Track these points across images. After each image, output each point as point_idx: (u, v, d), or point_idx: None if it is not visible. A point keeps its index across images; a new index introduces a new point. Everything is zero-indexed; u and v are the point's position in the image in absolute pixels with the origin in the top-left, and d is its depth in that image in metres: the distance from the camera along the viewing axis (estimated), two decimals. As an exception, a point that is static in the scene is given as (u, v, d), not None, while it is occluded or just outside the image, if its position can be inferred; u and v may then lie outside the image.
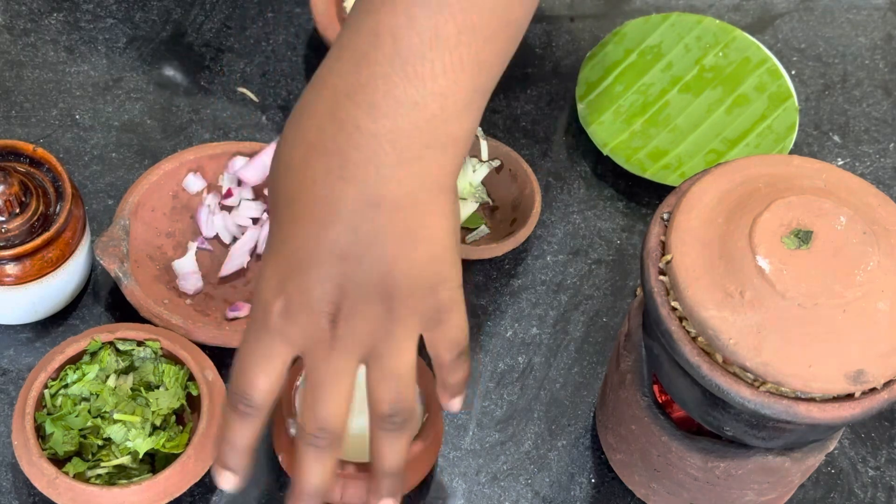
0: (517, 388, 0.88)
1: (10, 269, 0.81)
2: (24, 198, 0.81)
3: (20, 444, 0.77)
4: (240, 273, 0.90)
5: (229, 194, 0.91)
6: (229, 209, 0.92)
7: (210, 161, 0.91)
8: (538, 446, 0.85)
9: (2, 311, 0.85)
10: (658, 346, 0.71)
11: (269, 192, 0.66)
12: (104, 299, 0.89)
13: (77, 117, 0.97)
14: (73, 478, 0.76)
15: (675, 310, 0.68)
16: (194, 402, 0.80)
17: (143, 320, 0.84)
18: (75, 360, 0.80)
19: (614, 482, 0.84)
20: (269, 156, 0.91)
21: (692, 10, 1.08)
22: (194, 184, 0.91)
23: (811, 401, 0.66)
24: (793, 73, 1.05)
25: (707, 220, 0.69)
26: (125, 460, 0.78)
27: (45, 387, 0.79)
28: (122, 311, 0.88)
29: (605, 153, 0.97)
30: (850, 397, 0.66)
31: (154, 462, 0.79)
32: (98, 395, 0.79)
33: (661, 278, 0.69)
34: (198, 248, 0.90)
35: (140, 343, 0.81)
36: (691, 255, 0.68)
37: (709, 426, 0.72)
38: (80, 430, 0.78)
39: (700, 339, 0.67)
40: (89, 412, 0.78)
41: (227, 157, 0.92)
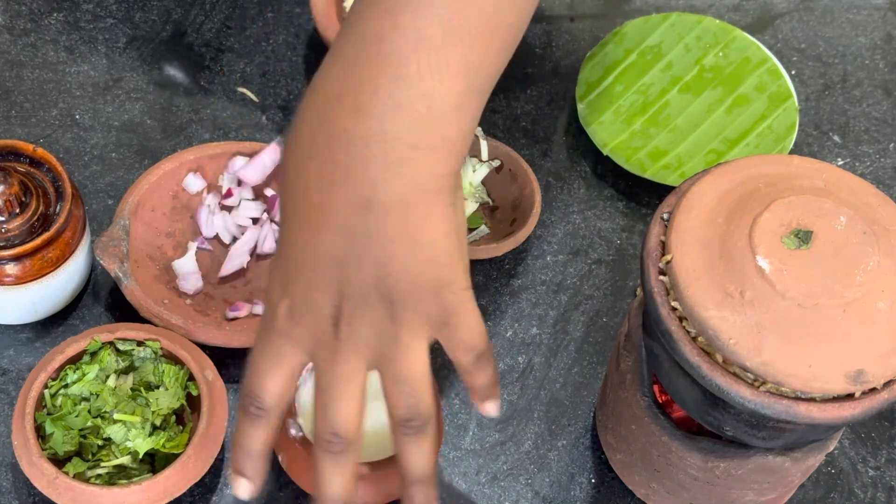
0: (517, 388, 0.87)
1: (10, 269, 0.81)
2: (24, 198, 0.81)
3: (20, 444, 0.77)
4: (240, 273, 0.90)
5: (229, 194, 0.91)
6: (229, 209, 0.92)
7: (210, 161, 0.91)
8: (538, 446, 0.85)
9: (2, 311, 0.85)
10: (658, 346, 0.71)
11: (279, 197, 0.67)
12: (104, 299, 0.89)
13: (77, 117, 0.97)
14: (73, 478, 0.76)
15: (675, 310, 0.68)
16: (194, 402, 0.80)
17: (143, 320, 0.84)
18: (75, 360, 0.80)
19: (614, 482, 0.84)
20: (269, 156, 0.91)
21: (692, 10, 1.08)
22: (194, 184, 0.91)
23: (811, 401, 0.65)
24: (793, 73, 1.05)
25: (707, 220, 0.69)
26: (125, 460, 0.78)
27: (45, 387, 0.79)
28: (122, 311, 0.88)
29: (605, 153, 0.97)
30: (850, 397, 0.66)
31: (154, 462, 0.79)
32: (98, 395, 0.79)
33: (661, 278, 0.69)
34: (198, 248, 0.90)
35: (140, 343, 0.81)
36: (691, 255, 0.68)
37: (709, 426, 0.72)
38: (80, 430, 0.78)
39: (700, 339, 0.67)
40: (89, 412, 0.78)
41: (227, 157, 0.92)
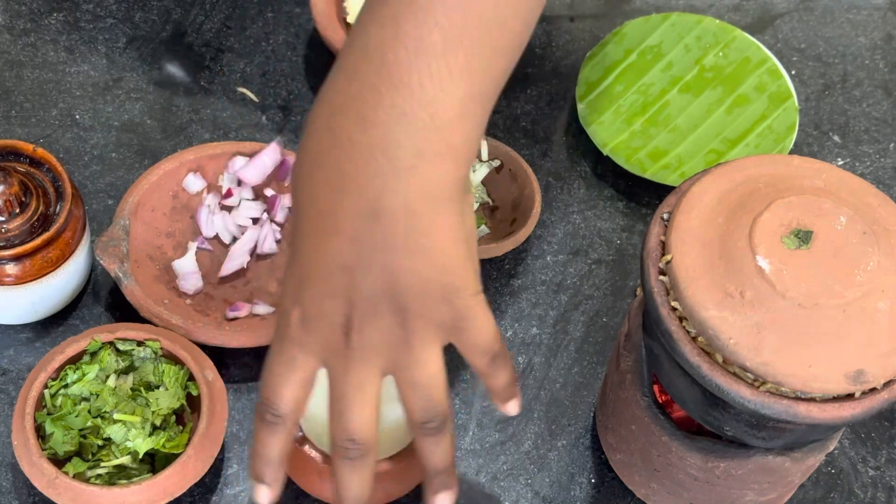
0: (517, 388, 0.87)
1: (10, 269, 0.81)
2: (24, 198, 0.81)
3: (20, 444, 0.77)
4: (240, 273, 0.90)
5: (229, 194, 0.91)
6: (229, 209, 0.92)
7: (210, 161, 0.91)
8: (538, 446, 0.85)
9: (2, 311, 0.85)
10: (658, 346, 0.71)
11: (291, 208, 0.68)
12: (104, 299, 0.89)
13: (77, 117, 0.97)
14: (73, 478, 0.76)
15: (675, 310, 0.68)
16: (194, 402, 0.80)
17: (143, 320, 0.84)
18: (75, 360, 0.80)
19: (614, 482, 0.84)
20: (269, 156, 0.91)
21: (692, 10, 1.08)
22: (194, 184, 0.91)
23: (811, 401, 0.65)
24: (793, 73, 1.05)
25: (707, 220, 0.69)
26: (125, 460, 0.78)
27: (45, 387, 0.79)
28: (122, 311, 0.88)
29: (605, 153, 0.97)
30: (850, 397, 0.66)
31: (154, 462, 0.79)
32: (98, 395, 0.79)
33: (661, 278, 0.69)
34: (198, 248, 0.90)
35: (140, 343, 0.81)
36: (691, 255, 0.68)
37: (709, 426, 0.72)
38: (80, 430, 0.78)
39: (700, 339, 0.67)
40: (89, 412, 0.78)
41: (227, 157, 0.92)
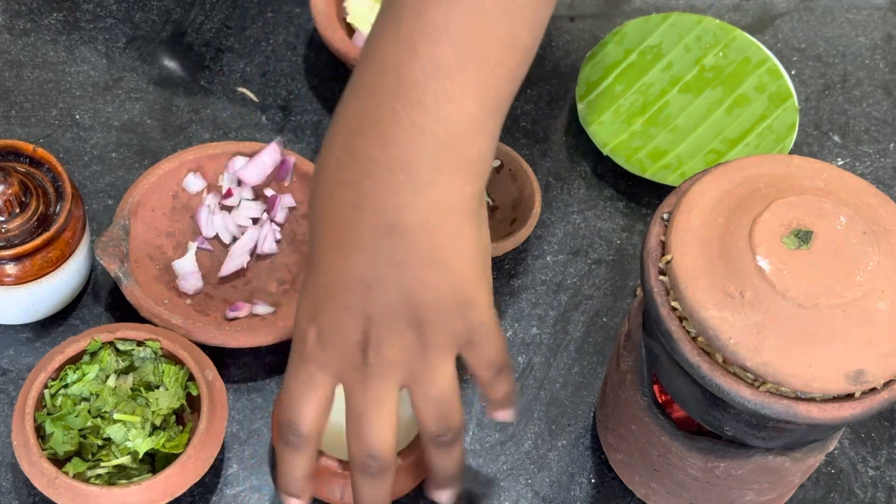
0: (517, 388, 0.87)
1: (10, 269, 0.81)
2: (24, 198, 0.81)
3: (20, 444, 0.77)
4: (240, 273, 0.90)
5: (229, 194, 0.91)
6: (229, 209, 0.92)
7: (210, 161, 0.91)
8: (538, 446, 0.85)
9: (2, 311, 0.85)
10: (658, 346, 0.71)
11: (307, 227, 0.69)
12: (104, 299, 0.89)
13: (77, 117, 0.97)
14: (73, 478, 0.76)
15: (675, 310, 0.68)
16: (194, 402, 0.80)
17: (143, 320, 0.84)
18: (75, 360, 0.80)
19: (614, 482, 0.84)
20: (269, 156, 0.91)
21: (692, 10, 1.08)
22: (194, 184, 0.91)
23: (811, 401, 0.65)
24: (793, 73, 1.05)
25: (707, 220, 0.69)
26: (125, 460, 0.78)
27: (45, 387, 0.79)
28: (122, 311, 0.88)
29: (605, 153, 0.97)
30: (850, 397, 0.66)
31: (154, 462, 0.79)
32: (98, 395, 0.79)
33: (661, 278, 0.69)
34: (198, 248, 0.90)
35: (140, 343, 0.81)
36: (691, 255, 0.68)
37: (709, 426, 0.72)
38: (80, 430, 0.78)
39: (700, 339, 0.67)
40: (89, 412, 0.78)
41: (227, 157, 0.92)
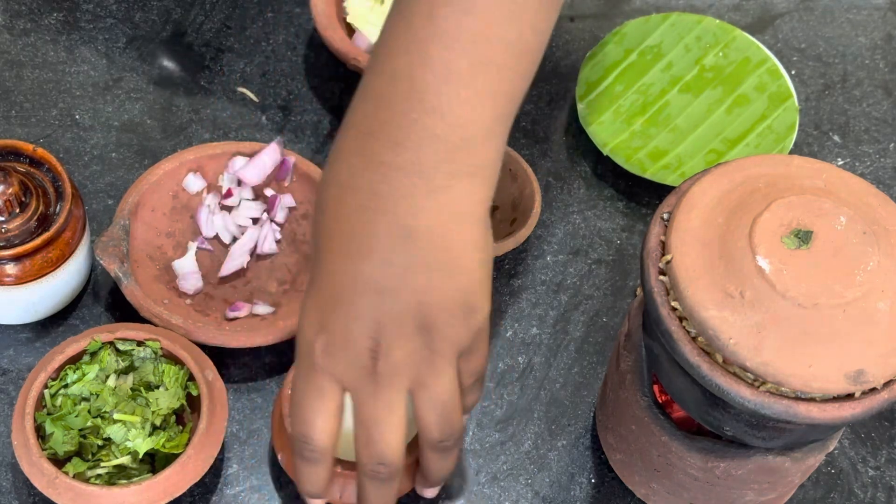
0: (517, 388, 0.87)
1: (10, 269, 0.81)
2: (24, 198, 0.81)
3: (20, 444, 0.77)
4: (240, 273, 0.90)
5: (229, 194, 0.91)
6: (229, 209, 0.92)
7: (210, 161, 0.91)
8: (538, 446, 0.85)
9: (2, 311, 0.85)
10: (658, 346, 0.71)
11: (311, 233, 0.69)
12: (104, 299, 0.89)
13: (77, 117, 0.97)
14: (73, 478, 0.76)
15: (675, 310, 0.68)
16: (194, 402, 0.80)
17: (143, 320, 0.84)
18: (75, 360, 0.80)
19: (614, 482, 0.84)
20: (269, 156, 0.91)
21: (692, 10, 1.08)
22: (194, 184, 0.91)
23: (811, 401, 0.65)
24: (793, 73, 1.05)
25: (707, 220, 0.69)
26: (125, 460, 0.78)
27: (45, 387, 0.79)
28: (122, 311, 0.88)
29: (605, 153, 0.97)
30: (850, 397, 0.66)
31: (154, 462, 0.79)
32: (98, 395, 0.79)
33: (661, 278, 0.69)
34: (198, 248, 0.90)
35: (140, 343, 0.81)
36: (691, 255, 0.68)
37: (709, 426, 0.72)
38: (80, 430, 0.78)
39: (700, 339, 0.67)
40: (89, 412, 0.78)
41: (227, 157, 0.92)
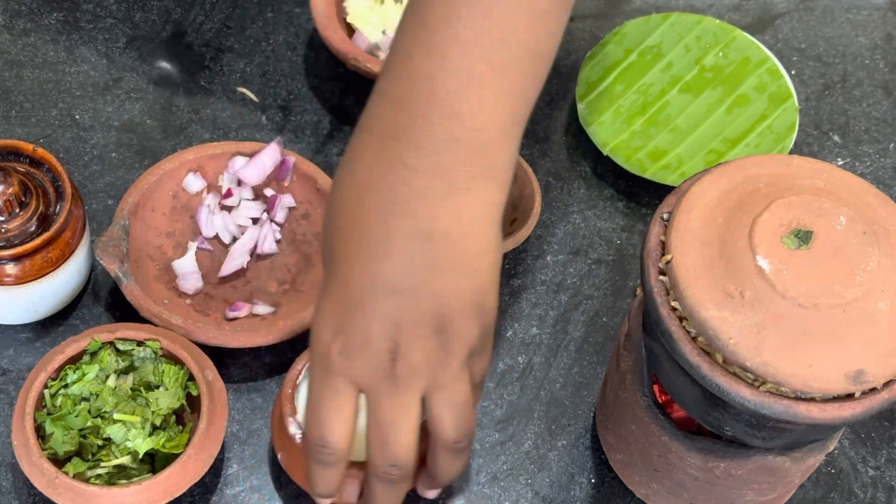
0: (517, 388, 0.87)
1: (10, 269, 0.81)
2: (24, 198, 0.81)
3: (20, 444, 0.77)
4: (240, 273, 0.90)
5: (229, 194, 0.91)
6: (229, 209, 0.92)
7: (210, 161, 0.91)
8: (538, 446, 0.85)
9: (2, 311, 0.85)
10: (658, 346, 0.71)
11: (323, 237, 0.68)
12: (104, 299, 0.89)
13: (77, 117, 0.97)
14: (73, 478, 0.76)
15: (675, 310, 0.68)
16: (194, 402, 0.80)
17: (143, 320, 0.84)
18: (75, 360, 0.80)
19: (614, 482, 0.84)
20: (269, 156, 0.91)
21: (692, 10, 1.08)
22: (194, 184, 0.91)
23: (811, 401, 0.65)
24: (793, 73, 1.05)
25: (707, 220, 0.69)
26: (125, 460, 0.78)
27: (45, 387, 0.79)
28: (122, 311, 0.88)
29: (605, 153, 0.97)
30: (850, 397, 0.66)
31: (154, 462, 0.79)
32: (98, 395, 0.79)
33: (661, 278, 0.69)
34: (198, 248, 0.90)
35: (140, 343, 0.81)
36: (691, 255, 0.68)
37: (709, 426, 0.72)
38: (80, 430, 0.78)
39: (700, 339, 0.67)
40: (89, 412, 0.78)
41: (227, 157, 0.92)
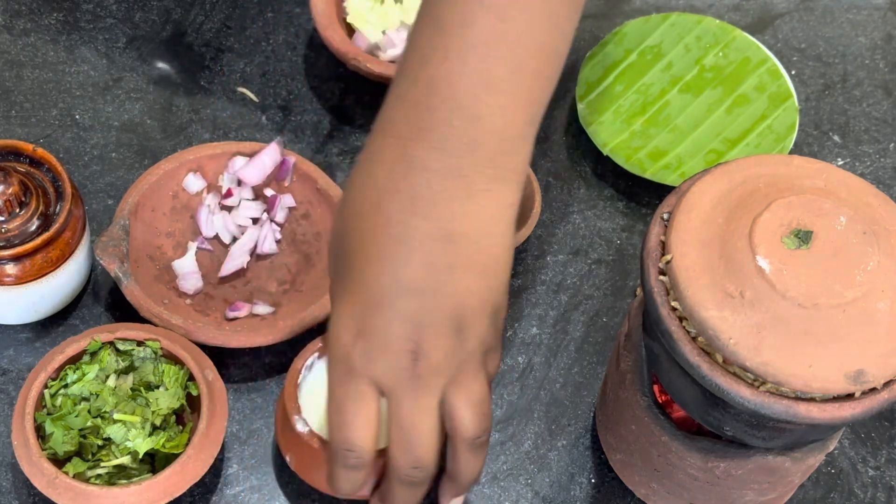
0: (517, 388, 0.87)
1: (10, 269, 0.81)
2: (24, 198, 0.81)
3: (20, 444, 0.77)
4: (240, 273, 0.90)
5: (229, 194, 0.91)
6: (229, 209, 0.92)
7: (210, 161, 0.91)
8: (538, 446, 0.85)
9: (2, 311, 0.85)
10: (658, 346, 0.71)
11: (336, 240, 0.68)
12: (104, 299, 0.89)
13: (77, 117, 0.97)
14: (73, 478, 0.76)
15: (675, 310, 0.68)
16: (194, 402, 0.80)
17: (143, 320, 0.84)
18: (75, 360, 0.80)
19: (614, 482, 0.84)
20: (269, 156, 0.91)
21: (692, 10, 1.08)
22: (194, 184, 0.91)
23: (811, 401, 0.65)
24: (793, 73, 1.05)
25: (707, 220, 0.69)
26: (125, 460, 0.78)
27: (45, 387, 0.79)
28: (122, 311, 0.88)
29: (605, 153, 0.97)
30: (850, 397, 0.66)
31: (154, 462, 0.79)
32: (98, 395, 0.79)
33: (661, 278, 0.69)
34: (198, 248, 0.90)
35: (140, 343, 0.81)
36: (691, 255, 0.68)
37: (709, 426, 0.72)
38: (80, 430, 0.78)
39: (700, 339, 0.67)
40: (89, 412, 0.78)
41: (227, 157, 0.92)
